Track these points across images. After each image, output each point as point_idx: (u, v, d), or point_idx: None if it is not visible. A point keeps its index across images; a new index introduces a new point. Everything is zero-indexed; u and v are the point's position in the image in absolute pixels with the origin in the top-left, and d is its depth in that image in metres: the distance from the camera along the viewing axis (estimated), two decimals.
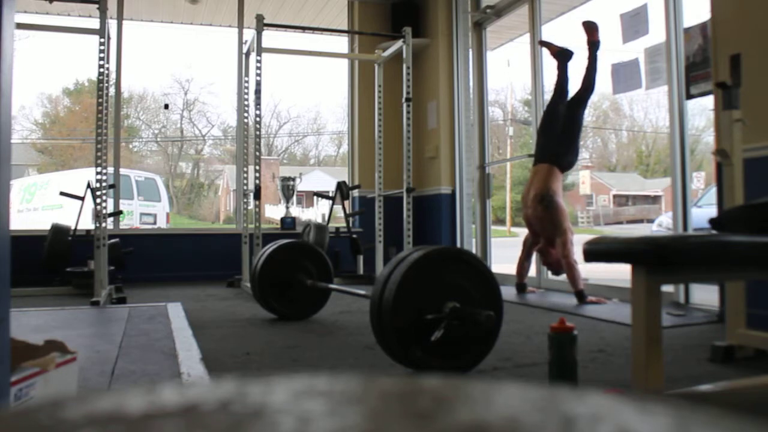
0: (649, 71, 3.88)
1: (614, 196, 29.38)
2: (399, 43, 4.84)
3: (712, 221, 1.66)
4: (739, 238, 1.37)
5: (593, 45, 4.07)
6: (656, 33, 3.75)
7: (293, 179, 6.37)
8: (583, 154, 30.82)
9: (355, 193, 6.11)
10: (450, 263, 2.06)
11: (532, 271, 4.61)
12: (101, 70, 4.09)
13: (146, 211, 12.34)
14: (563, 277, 4.09)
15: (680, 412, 0.18)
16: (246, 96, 5.29)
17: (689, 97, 3.44)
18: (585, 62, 4.11)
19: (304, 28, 5.57)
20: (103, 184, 4.11)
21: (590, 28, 4.09)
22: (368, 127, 5.87)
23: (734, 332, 2.28)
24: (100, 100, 4.12)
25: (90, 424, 0.17)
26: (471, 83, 5.68)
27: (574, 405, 0.18)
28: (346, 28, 6.44)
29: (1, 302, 1.16)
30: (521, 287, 4.37)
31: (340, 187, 5.65)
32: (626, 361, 2.18)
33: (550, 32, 5.18)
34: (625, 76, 4.06)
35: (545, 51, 4.49)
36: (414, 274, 1.98)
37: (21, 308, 3.51)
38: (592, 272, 4.13)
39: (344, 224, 5.79)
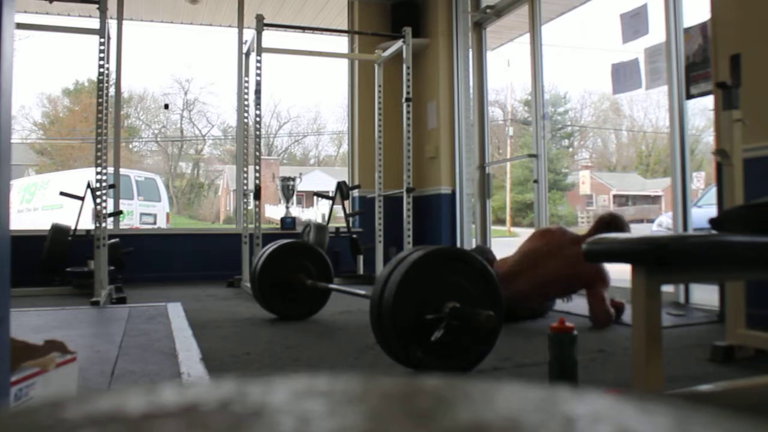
0: (649, 71, 3.88)
1: (614, 196, 29.36)
2: (399, 43, 4.84)
3: (712, 221, 1.66)
4: (739, 238, 1.37)
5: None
6: (656, 33, 3.75)
7: (293, 179, 6.36)
8: (583, 154, 30.84)
9: (355, 193, 6.11)
10: (450, 263, 2.06)
11: None
12: (101, 70, 4.09)
13: (146, 211, 12.33)
14: None
15: (680, 412, 0.18)
16: (246, 96, 5.29)
17: (689, 97, 3.44)
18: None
19: (304, 28, 5.57)
20: (103, 184, 4.11)
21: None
22: (368, 127, 5.87)
23: (734, 332, 2.28)
24: (100, 100, 4.11)
25: (90, 424, 0.17)
26: (471, 83, 5.68)
27: (574, 405, 0.18)
28: (346, 28, 6.44)
29: (1, 302, 1.16)
30: None
31: (340, 187, 5.65)
32: (626, 361, 2.18)
33: (551, 32, 5.17)
34: (625, 76, 4.06)
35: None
36: (414, 274, 1.98)
37: (21, 308, 3.51)
38: None
39: (344, 224, 5.79)
